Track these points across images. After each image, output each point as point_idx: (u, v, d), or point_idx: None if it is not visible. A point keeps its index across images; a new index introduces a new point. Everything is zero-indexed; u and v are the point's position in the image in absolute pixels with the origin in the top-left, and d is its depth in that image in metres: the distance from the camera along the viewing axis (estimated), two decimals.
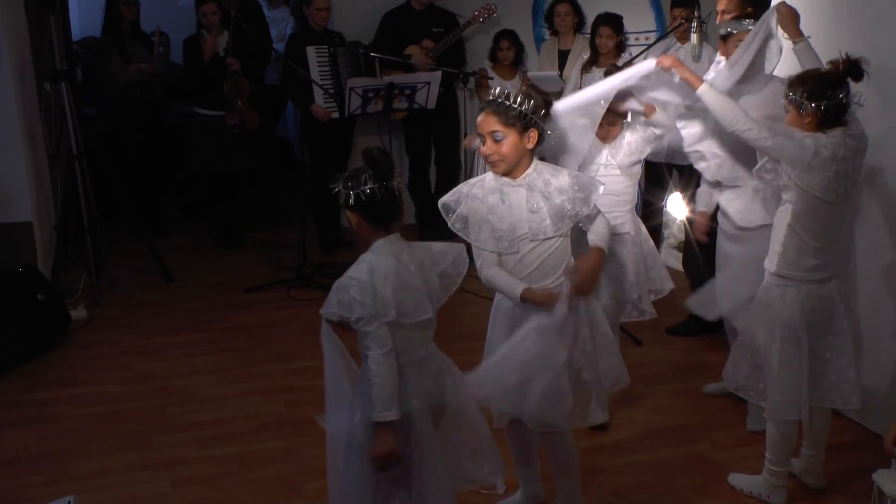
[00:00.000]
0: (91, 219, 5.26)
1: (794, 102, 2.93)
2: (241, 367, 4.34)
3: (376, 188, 2.35)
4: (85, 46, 6.97)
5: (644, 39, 6.38)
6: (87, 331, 4.79)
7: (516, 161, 2.66)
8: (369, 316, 2.33)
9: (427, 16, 6.10)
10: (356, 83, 5.31)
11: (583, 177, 2.80)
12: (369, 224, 2.41)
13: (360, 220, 2.41)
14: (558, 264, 2.74)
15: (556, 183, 2.70)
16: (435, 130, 6.29)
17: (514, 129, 2.61)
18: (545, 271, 2.72)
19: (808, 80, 2.94)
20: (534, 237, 2.68)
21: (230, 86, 5.79)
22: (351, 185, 2.39)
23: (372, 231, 2.42)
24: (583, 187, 2.71)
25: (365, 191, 2.35)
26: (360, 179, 2.37)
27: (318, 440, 3.61)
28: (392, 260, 2.39)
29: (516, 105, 2.60)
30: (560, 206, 2.69)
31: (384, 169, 2.36)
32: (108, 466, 3.44)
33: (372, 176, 2.36)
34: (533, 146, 2.66)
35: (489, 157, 2.66)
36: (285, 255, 5.94)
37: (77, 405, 3.95)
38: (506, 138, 2.62)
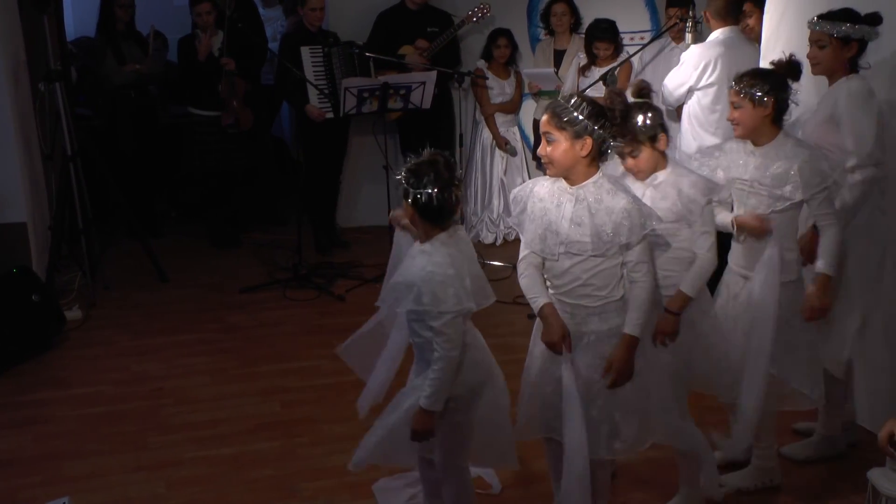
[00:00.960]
0: (86, 219, 5.25)
1: (752, 97, 2.94)
2: (236, 368, 4.34)
3: (434, 193, 2.46)
4: (79, 46, 6.95)
5: (639, 39, 6.39)
6: (82, 331, 4.78)
7: (568, 166, 2.59)
8: (455, 311, 2.46)
9: (421, 15, 6.10)
10: (351, 83, 5.31)
11: (644, 208, 2.63)
12: (424, 222, 2.53)
13: (416, 216, 2.53)
14: (605, 286, 2.64)
15: (609, 202, 2.58)
16: (430, 131, 6.28)
17: (565, 133, 2.55)
18: (588, 291, 2.65)
19: (763, 75, 3.00)
20: (569, 249, 2.61)
21: (225, 86, 5.78)
22: (413, 182, 2.49)
23: (428, 228, 2.54)
24: (634, 217, 2.57)
25: (424, 193, 2.47)
26: (421, 181, 2.48)
27: (313, 440, 3.62)
28: (457, 251, 2.53)
29: (570, 108, 2.55)
30: (602, 226, 2.58)
31: (445, 178, 2.48)
32: (104, 467, 3.43)
33: (433, 180, 2.47)
34: (587, 154, 2.56)
35: (542, 157, 2.66)
36: (281, 256, 5.94)
37: (72, 406, 3.94)
38: (557, 141, 2.57)
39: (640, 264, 2.63)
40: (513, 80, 6.26)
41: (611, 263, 2.63)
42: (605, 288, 2.66)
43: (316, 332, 4.79)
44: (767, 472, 3.26)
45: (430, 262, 2.47)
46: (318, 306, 5.18)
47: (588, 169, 2.61)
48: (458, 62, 6.28)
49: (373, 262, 5.76)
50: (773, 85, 2.94)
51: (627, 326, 2.64)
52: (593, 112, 2.54)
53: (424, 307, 2.46)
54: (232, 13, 5.72)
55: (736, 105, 2.98)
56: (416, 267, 2.49)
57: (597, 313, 2.67)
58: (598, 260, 2.62)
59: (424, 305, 2.45)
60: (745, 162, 3.04)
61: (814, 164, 2.94)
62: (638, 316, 2.64)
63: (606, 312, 2.67)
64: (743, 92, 2.95)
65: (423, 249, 2.53)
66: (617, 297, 2.67)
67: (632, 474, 3.34)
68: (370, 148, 5.92)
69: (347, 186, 6.56)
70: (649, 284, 2.65)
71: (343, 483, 3.30)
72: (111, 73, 6.01)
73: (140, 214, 6.12)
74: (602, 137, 2.56)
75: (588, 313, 2.68)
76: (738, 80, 2.99)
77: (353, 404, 3.88)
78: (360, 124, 6.11)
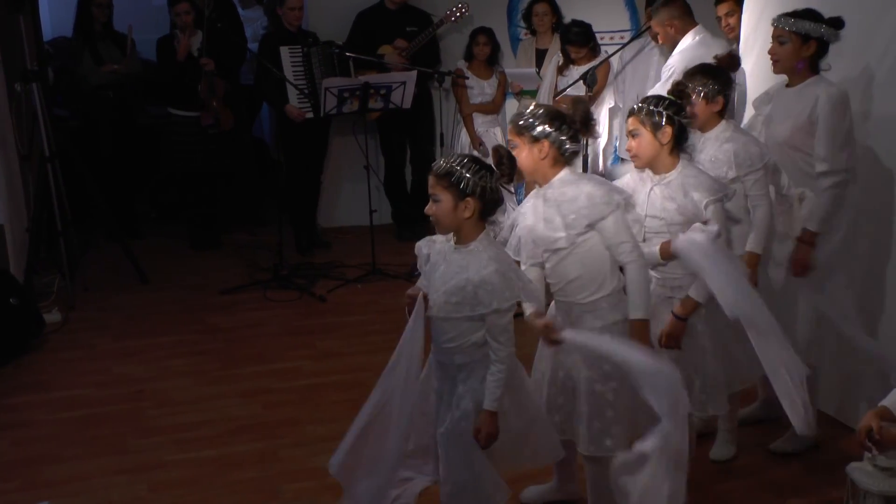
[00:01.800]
0: (64, 221, 5.21)
1: (705, 93, 3.09)
2: (217, 370, 4.32)
3: (496, 185, 2.49)
4: (56, 47, 6.90)
5: (619, 39, 6.42)
6: (61, 334, 4.75)
7: (531, 170, 2.71)
8: (516, 304, 2.48)
9: (400, 15, 6.10)
10: (331, 83, 5.30)
11: (609, 186, 2.72)
12: (481, 216, 2.51)
13: (478, 209, 2.49)
14: (593, 280, 2.70)
15: (571, 193, 2.67)
16: (410, 130, 6.30)
17: (523, 138, 2.68)
18: (577, 288, 2.71)
19: (711, 71, 3.15)
20: (547, 248, 2.70)
21: (205, 86, 5.75)
22: (481, 175, 2.47)
23: (478, 222, 2.51)
24: (596, 198, 2.65)
25: (492, 185, 2.48)
26: (491, 172, 2.49)
27: (295, 442, 3.61)
28: (500, 249, 2.56)
29: (527, 116, 2.68)
30: (566, 216, 2.66)
31: (509, 171, 2.52)
32: (84, 471, 3.41)
33: (497, 173, 2.50)
34: (545, 157, 2.67)
35: None
36: (262, 256, 5.92)
37: (51, 410, 3.91)
38: (518, 147, 2.69)
39: (622, 245, 2.67)
40: (494, 80, 6.26)
41: (591, 253, 2.68)
42: (594, 283, 2.70)
43: (297, 333, 4.78)
44: (734, 433, 3.43)
45: (491, 259, 2.47)
46: (300, 307, 5.17)
47: (552, 170, 2.71)
48: (437, 62, 6.29)
49: (354, 262, 5.76)
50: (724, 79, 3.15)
51: (632, 311, 2.68)
52: (548, 117, 2.66)
53: (499, 304, 2.44)
54: (211, 13, 5.70)
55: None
56: (477, 266, 2.46)
57: (589, 310, 2.72)
58: (579, 253, 2.67)
59: (504, 300, 2.44)
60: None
61: (748, 147, 3.13)
62: (637, 297, 2.68)
63: (599, 309, 2.71)
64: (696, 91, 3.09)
65: (472, 249, 2.50)
66: (607, 293, 2.71)
67: None
68: (351, 148, 5.92)
69: (328, 186, 6.55)
70: (637, 263, 2.68)
71: (325, 484, 3.29)
72: (88, 74, 5.97)
73: (120, 216, 6.09)
74: (558, 141, 2.66)
75: (582, 311, 2.73)
76: (691, 79, 3.13)
77: (334, 405, 3.92)
78: (341, 124, 6.10)
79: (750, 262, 3.14)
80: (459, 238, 2.54)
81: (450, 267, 2.52)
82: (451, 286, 2.49)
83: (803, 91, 3.25)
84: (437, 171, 2.51)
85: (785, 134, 3.28)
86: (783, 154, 3.29)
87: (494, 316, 2.46)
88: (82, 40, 6.00)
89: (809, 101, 3.21)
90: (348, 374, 4.23)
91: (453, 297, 2.49)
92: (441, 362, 2.62)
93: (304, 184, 6.11)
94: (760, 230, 3.16)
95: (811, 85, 3.24)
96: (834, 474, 3.11)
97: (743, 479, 3.34)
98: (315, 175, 6.24)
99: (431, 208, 2.52)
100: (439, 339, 2.58)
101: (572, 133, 2.68)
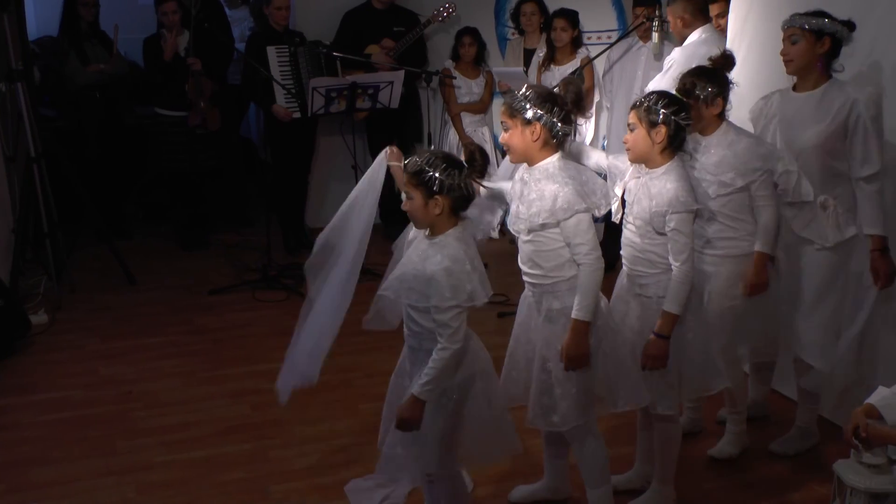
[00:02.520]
0: (51, 222, 5.18)
1: (703, 96, 3.07)
2: (206, 370, 4.31)
3: (468, 182, 2.53)
4: (42, 46, 6.86)
5: (606, 38, 6.44)
6: (47, 336, 4.72)
7: (522, 151, 2.73)
8: (466, 306, 2.50)
9: (387, 15, 6.10)
10: (319, 83, 5.29)
11: (581, 189, 2.69)
12: (453, 212, 2.55)
13: (449, 206, 2.53)
14: (553, 266, 2.74)
15: (545, 184, 2.69)
16: (398, 130, 6.29)
17: (515, 120, 2.70)
18: (535, 269, 2.79)
19: (707, 73, 3.12)
20: (512, 227, 2.77)
21: (192, 86, 5.73)
22: (449, 172, 2.50)
23: (449, 217, 2.55)
24: (560, 199, 2.66)
25: (461, 182, 2.51)
26: (460, 170, 2.52)
27: (284, 442, 3.61)
28: (468, 246, 2.57)
29: (519, 98, 2.69)
30: (532, 205, 2.70)
31: (481, 167, 2.56)
32: (72, 473, 3.39)
33: (469, 170, 2.54)
34: (537, 139, 2.69)
35: (503, 145, 2.81)
36: (250, 257, 5.90)
37: (38, 412, 3.89)
38: (511, 129, 2.72)
39: (579, 246, 2.69)
40: (482, 79, 6.28)
41: (548, 242, 2.72)
42: (553, 267, 2.75)
43: (286, 334, 4.66)
44: (742, 436, 3.44)
45: (447, 257, 2.50)
46: (288, 307, 5.15)
47: (541, 152, 2.73)
48: (424, 61, 6.29)
49: None
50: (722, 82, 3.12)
51: (574, 311, 2.71)
52: (541, 99, 2.68)
53: (439, 301, 2.47)
54: (198, 13, 5.68)
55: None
56: (433, 261, 2.50)
57: (549, 291, 2.78)
58: (540, 239, 2.73)
59: (445, 300, 2.47)
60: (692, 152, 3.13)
61: (755, 149, 3.12)
62: (582, 299, 2.70)
63: (557, 291, 2.76)
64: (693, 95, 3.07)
65: (436, 242, 2.54)
66: (566, 277, 2.75)
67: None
68: (338, 148, 5.91)
69: (316, 186, 6.54)
70: (591, 266, 2.70)
71: (314, 485, 3.30)
72: (74, 74, 5.94)
73: (108, 216, 6.07)
74: (550, 122, 2.68)
75: (542, 291, 2.79)
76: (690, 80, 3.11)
77: (323, 405, 3.91)
78: (328, 124, 6.09)
79: (759, 261, 3.15)
80: (434, 232, 2.59)
81: (417, 256, 2.58)
82: (408, 271, 2.56)
83: (828, 94, 3.20)
84: (409, 168, 2.55)
85: (815, 139, 3.20)
86: (808, 159, 3.23)
87: (434, 311, 2.50)
88: (68, 40, 5.97)
89: (839, 104, 3.16)
90: (337, 375, 4.22)
91: (405, 283, 2.56)
92: (412, 347, 2.67)
93: (291, 184, 6.10)
94: (769, 232, 3.16)
95: (835, 89, 3.19)
96: (821, 472, 3.14)
97: (730, 477, 3.36)
98: (303, 175, 6.23)
99: (406, 205, 2.58)
100: (408, 323, 2.65)
101: (564, 114, 2.69)
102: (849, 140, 3.17)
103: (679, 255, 2.81)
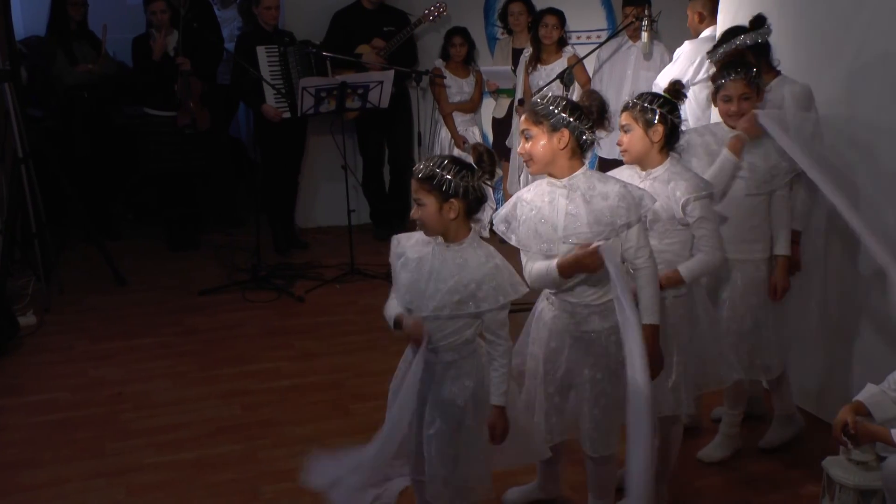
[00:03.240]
0: (39, 222, 5.15)
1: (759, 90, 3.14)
2: (196, 371, 4.29)
3: (480, 183, 2.48)
4: (29, 46, 6.82)
5: (595, 38, 6.44)
6: (36, 337, 4.70)
7: (548, 161, 2.61)
8: (515, 298, 2.48)
9: (378, 15, 6.09)
10: (308, 83, 5.28)
11: (635, 190, 2.64)
12: (468, 216, 2.50)
13: (463, 209, 2.48)
14: (603, 279, 2.62)
15: (602, 188, 2.61)
16: (388, 130, 6.29)
17: (542, 127, 2.59)
18: (589, 289, 2.67)
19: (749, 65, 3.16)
20: (566, 240, 2.60)
21: (181, 86, 5.71)
22: (462, 175, 2.45)
23: (464, 221, 2.50)
24: (629, 198, 2.60)
25: (475, 184, 2.46)
26: (472, 172, 2.47)
27: (275, 443, 3.60)
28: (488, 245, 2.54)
29: (546, 103, 2.60)
30: (600, 211, 2.59)
31: (490, 168, 2.49)
32: (61, 475, 3.37)
33: (479, 171, 2.48)
34: (565, 147, 2.58)
35: (522, 155, 2.68)
36: (240, 257, 5.89)
37: (27, 414, 3.87)
38: (535, 137, 2.61)
39: (641, 249, 2.64)
40: (472, 79, 6.28)
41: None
42: (604, 284, 2.64)
43: (276, 334, 4.76)
44: (735, 439, 3.44)
45: (486, 255, 2.48)
46: (278, 308, 5.15)
47: (571, 162, 2.63)
48: (414, 61, 6.28)
49: (332, 262, 5.74)
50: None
51: (646, 316, 2.65)
52: (568, 106, 2.58)
53: (493, 304, 2.46)
54: (186, 12, 5.66)
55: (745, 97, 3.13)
56: (474, 265, 2.46)
57: (597, 312, 2.69)
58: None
59: (506, 296, 2.45)
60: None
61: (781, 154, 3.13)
62: (651, 304, 2.66)
63: (607, 311, 2.66)
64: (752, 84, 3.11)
65: (464, 247, 2.50)
66: (612, 296, 2.63)
67: None
68: (328, 148, 5.90)
69: (306, 187, 6.53)
70: (653, 270, 2.68)
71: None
72: (62, 73, 5.91)
73: (97, 217, 6.04)
74: (578, 130, 2.58)
75: (589, 312, 2.70)
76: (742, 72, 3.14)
77: (313, 406, 3.91)
78: (318, 124, 6.08)
79: (785, 265, 3.20)
80: (448, 238, 2.51)
81: (445, 265, 2.49)
82: (453, 284, 2.47)
83: (775, 90, 3.31)
84: (419, 174, 2.46)
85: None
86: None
87: (495, 311, 2.47)
88: (56, 40, 5.94)
89: (776, 102, 3.27)
90: (327, 375, 4.22)
91: (455, 296, 2.46)
92: (427, 361, 2.56)
93: (281, 184, 6.09)
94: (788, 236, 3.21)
95: (775, 87, 3.31)
96: (811, 469, 3.15)
97: (721, 475, 3.37)
98: (293, 175, 6.21)
99: (417, 212, 2.48)
100: (432, 339, 2.54)
101: (590, 124, 2.61)
102: None
103: (711, 241, 2.85)
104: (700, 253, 2.88)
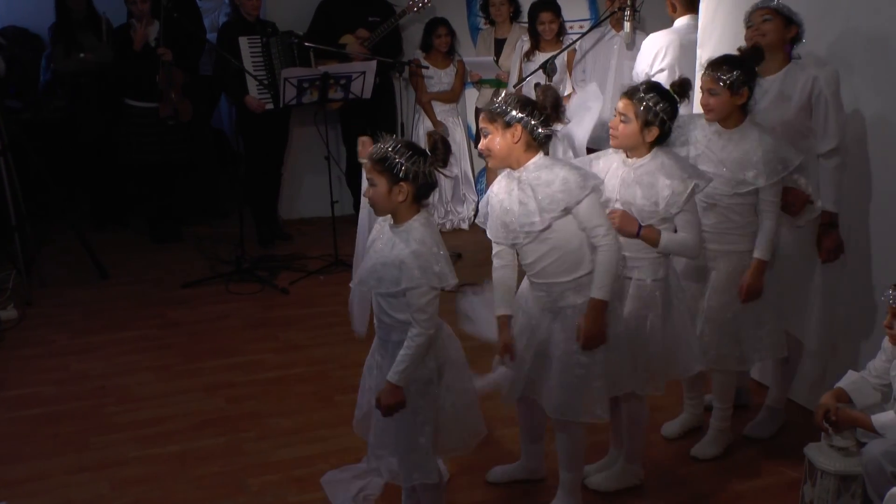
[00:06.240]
0: (19, 215, 5.11)
1: (729, 83, 3.03)
2: (179, 364, 4.28)
3: (431, 170, 2.57)
4: (7, 36, 6.75)
5: (578, 28, 6.44)
6: (17, 331, 4.66)
7: (504, 155, 2.74)
8: (439, 286, 2.53)
9: (362, 5, 6.06)
10: (291, 73, 5.25)
11: (580, 172, 2.75)
12: (416, 200, 2.58)
13: (413, 193, 2.56)
14: (575, 263, 2.75)
15: (547, 176, 2.71)
16: (371, 120, 6.25)
17: (496, 124, 2.72)
18: (557, 270, 2.77)
19: (737, 61, 3.09)
20: (521, 229, 2.74)
21: (163, 76, 5.67)
22: (414, 160, 2.54)
23: (412, 205, 2.59)
24: (571, 182, 2.69)
25: (426, 170, 2.55)
26: (424, 158, 2.55)
27: (260, 435, 3.59)
28: (433, 231, 2.60)
29: (499, 103, 2.73)
30: (546, 198, 2.70)
31: (443, 156, 2.58)
32: (44, 470, 3.35)
33: (432, 158, 2.57)
34: (518, 141, 2.71)
35: (482, 151, 2.80)
36: (223, 249, 5.86)
37: (8, 408, 3.84)
38: (491, 134, 2.74)
39: (596, 228, 2.72)
40: (452, 69, 6.27)
41: (567, 234, 2.73)
42: (572, 262, 2.76)
43: (260, 326, 4.74)
44: (726, 434, 3.43)
45: (414, 241, 2.53)
46: (262, 300, 5.13)
47: (527, 154, 2.76)
48: (399, 52, 6.26)
49: (316, 253, 5.73)
50: (750, 70, 3.08)
51: (593, 290, 2.73)
52: (520, 103, 2.73)
53: (408, 283, 2.50)
54: (167, 2, 5.61)
55: (712, 92, 3.08)
56: (400, 247, 2.54)
57: (571, 288, 2.78)
58: (554, 236, 2.72)
59: (414, 280, 2.50)
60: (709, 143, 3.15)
61: (778, 153, 3.08)
62: (603, 279, 2.72)
63: (581, 286, 2.77)
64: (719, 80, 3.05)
65: (402, 230, 2.57)
66: (588, 270, 2.76)
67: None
68: (311, 138, 5.88)
69: (289, 178, 6.50)
70: (611, 247, 2.72)
71: (290, 477, 3.29)
72: (57, 63, 5.88)
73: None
74: (530, 124, 2.71)
75: (563, 289, 2.79)
76: (716, 68, 3.07)
77: (298, 397, 3.90)
78: (301, 115, 6.05)
79: (758, 268, 3.13)
80: (395, 219, 2.62)
81: (383, 245, 2.62)
82: (377, 261, 2.59)
83: (790, 74, 3.28)
84: (373, 155, 2.57)
85: (784, 117, 3.26)
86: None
87: (409, 294, 2.53)
88: (59, 30, 5.92)
89: (801, 82, 3.24)
90: (312, 367, 4.21)
91: (376, 273, 2.59)
92: (381, 338, 2.70)
93: (264, 175, 6.06)
94: (770, 239, 3.13)
95: (796, 69, 3.27)
96: (793, 457, 3.17)
97: (705, 462, 3.38)
98: (276, 166, 6.19)
99: (369, 191, 2.60)
100: (379, 315, 2.66)
101: (543, 118, 2.73)
102: (813, 117, 3.24)
103: (692, 228, 2.90)
104: (686, 240, 2.91)
